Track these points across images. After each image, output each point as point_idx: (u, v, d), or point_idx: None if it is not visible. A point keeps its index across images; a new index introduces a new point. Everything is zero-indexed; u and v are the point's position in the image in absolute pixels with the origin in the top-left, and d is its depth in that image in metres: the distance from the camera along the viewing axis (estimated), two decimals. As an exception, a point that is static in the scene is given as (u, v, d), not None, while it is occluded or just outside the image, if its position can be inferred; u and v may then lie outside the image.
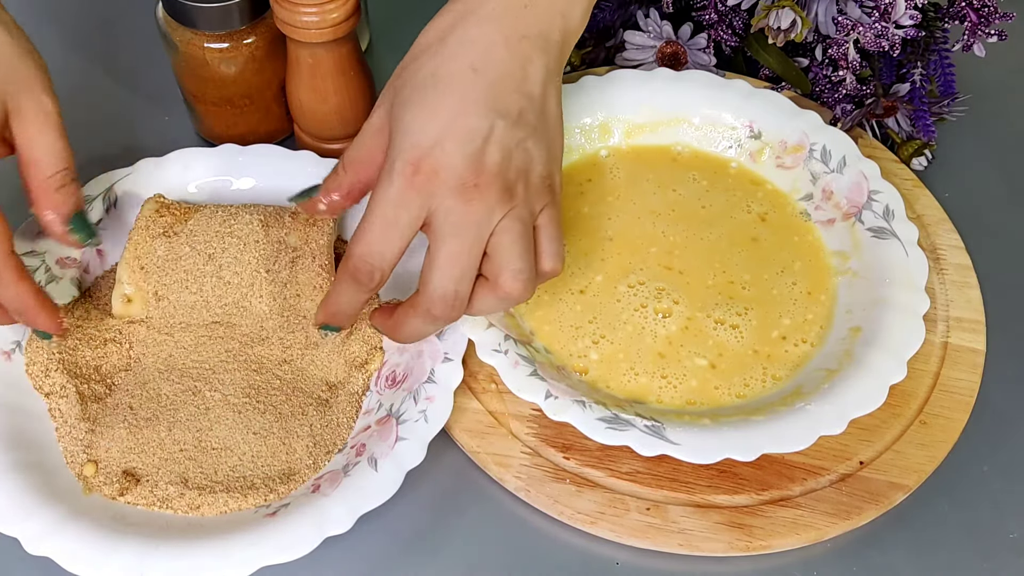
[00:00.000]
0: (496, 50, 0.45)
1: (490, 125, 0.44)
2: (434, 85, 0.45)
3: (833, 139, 0.59)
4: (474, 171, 0.44)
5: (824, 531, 0.49)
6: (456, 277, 0.44)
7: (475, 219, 0.44)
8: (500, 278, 0.45)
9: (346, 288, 0.46)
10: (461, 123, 0.44)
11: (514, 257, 0.44)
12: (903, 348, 0.50)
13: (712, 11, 0.63)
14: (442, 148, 0.43)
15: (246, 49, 0.58)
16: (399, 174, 0.44)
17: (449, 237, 0.44)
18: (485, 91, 0.44)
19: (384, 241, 0.44)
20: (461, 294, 0.45)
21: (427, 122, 0.44)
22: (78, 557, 0.44)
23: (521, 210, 0.45)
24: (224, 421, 0.49)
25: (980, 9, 0.60)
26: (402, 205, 0.44)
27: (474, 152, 0.44)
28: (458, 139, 0.44)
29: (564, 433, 0.51)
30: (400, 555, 0.49)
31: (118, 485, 0.48)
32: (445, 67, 0.45)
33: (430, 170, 0.43)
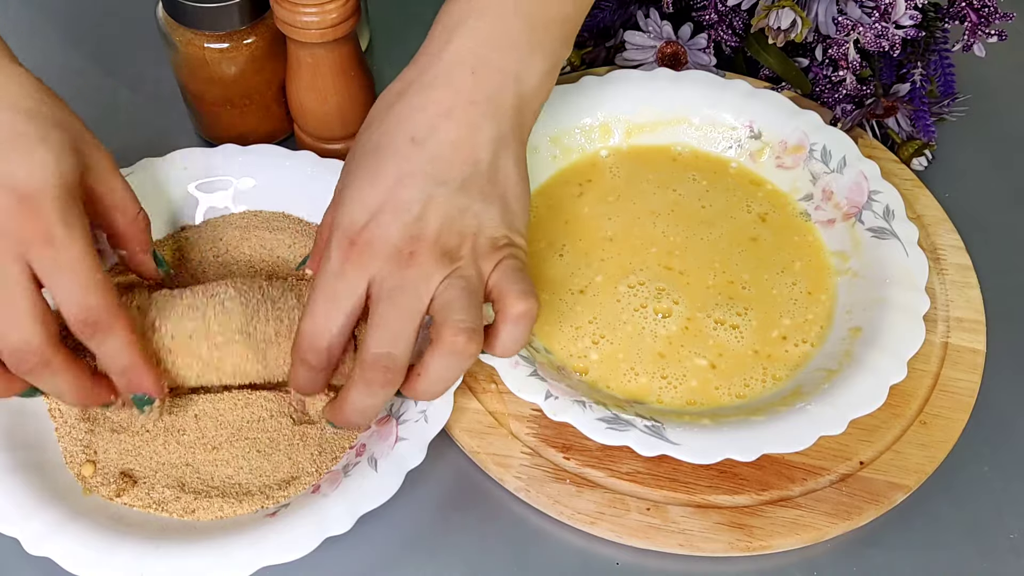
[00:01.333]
0: (438, 120, 0.44)
1: (428, 195, 0.44)
2: (375, 154, 0.45)
3: (833, 139, 0.59)
4: (409, 240, 0.43)
5: (824, 531, 0.49)
6: (388, 340, 0.43)
7: (410, 283, 0.43)
8: (442, 333, 0.43)
9: (300, 367, 0.45)
10: (397, 195, 0.44)
11: (454, 310, 0.43)
12: (903, 348, 0.50)
13: (712, 11, 0.63)
14: (377, 221, 0.43)
15: (246, 49, 0.58)
16: (336, 248, 0.44)
17: (383, 301, 0.43)
18: (424, 163, 0.44)
19: (326, 316, 0.44)
20: (396, 357, 0.43)
21: (364, 195, 0.44)
22: (78, 557, 0.44)
23: (465, 270, 0.44)
24: (228, 445, 0.49)
25: (980, 9, 0.60)
26: (340, 278, 0.44)
27: (409, 222, 0.43)
28: (393, 211, 0.43)
29: (564, 433, 0.51)
30: (400, 555, 0.49)
31: (115, 486, 0.48)
32: (386, 138, 0.45)
33: (365, 243, 0.43)
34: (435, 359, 0.43)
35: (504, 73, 0.46)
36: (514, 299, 0.44)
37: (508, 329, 0.44)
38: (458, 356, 0.43)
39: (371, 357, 0.43)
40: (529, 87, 0.47)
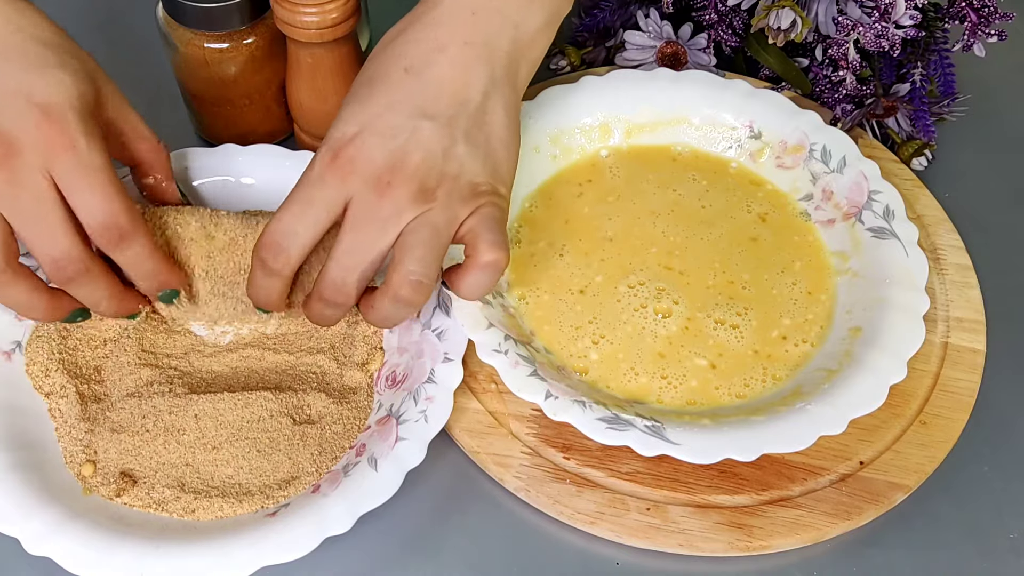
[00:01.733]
0: (433, 55, 0.45)
1: (414, 125, 0.44)
2: (368, 83, 0.46)
3: (833, 139, 0.59)
4: (390, 168, 0.44)
5: (824, 531, 0.49)
6: (347, 266, 0.44)
7: (382, 215, 0.43)
8: (391, 278, 0.44)
9: (256, 271, 0.46)
10: (385, 119, 0.44)
11: (410, 258, 0.43)
12: (903, 348, 0.50)
13: (712, 11, 0.63)
14: (362, 139, 0.44)
15: (246, 49, 0.58)
16: (320, 159, 0.45)
17: (351, 229, 0.44)
18: (415, 92, 0.45)
19: (296, 220, 0.44)
20: (349, 283, 0.44)
21: (354, 115, 0.45)
22: (78, 557, 0.44)
23: (436, 214, 0.44)
24: (228, 445, 0.49)
25: (980, 9, 0.60)
26: (318, 187, 0.44)
27: (393, 149, 0.44)
28: (379, 134, 0.44)
29: (564, 433, 0.51)
30: (400, 555, 0.49)
31: (115, 486, 0.48)
32: (382, 68, 0.46)
33: (347, 158, 0.44)
34: (382, 300, 0.45)
35: (503, 17, 0.46)
36: (485, 247, 0.45)
37: (474, 274, 0.45)
38: (403, 304, 0.45)
39: (328, 279, 0.45)
40: (526, 35, 0.47)
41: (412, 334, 0.52)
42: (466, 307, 0.51)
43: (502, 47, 0.46)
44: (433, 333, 0.51)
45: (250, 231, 0.51)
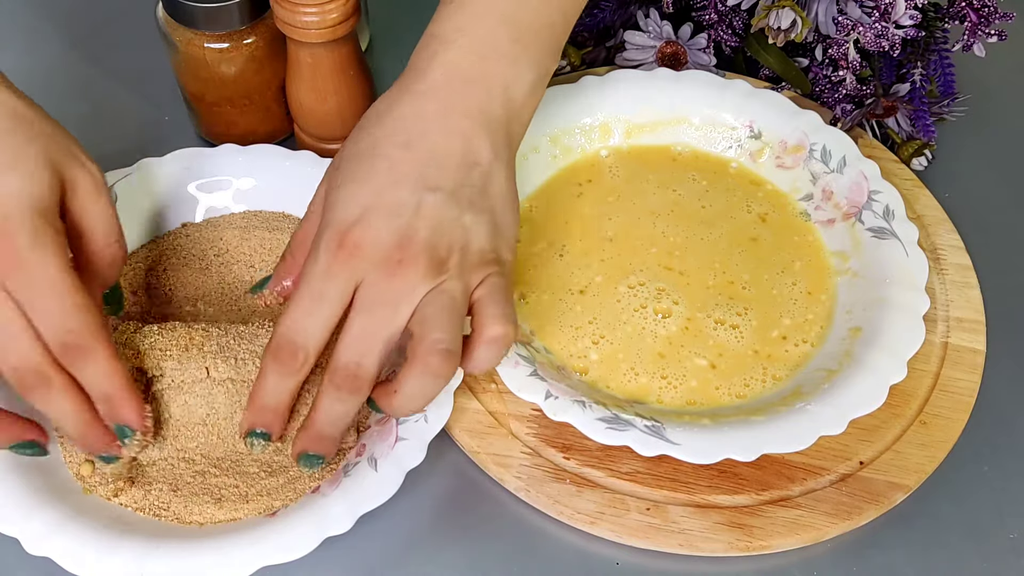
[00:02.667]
0: (430, 127, 0.44)
1: (418, 200, 0.43)
2: (368, 158, 0.44)
3: (833, 139, 0.59)
4: (399, 246, 0.43)
5: (824, 531, 0.49)
6: (361, 350, 0.42)
7: (395, 295, 0.43)
8: (418, 351, 0.42)
9: (270, 372, 0.44)
10: (388, 197, 0.43)
11: (434, 328, 0.42)
12: (903, 348, 0.50)
13: (712, 11, 0.63)
14: (368, 222, 0.43)
15: (246, 49, 0.58)
16: (324, 249, 0.43)
17: (363, 311, 0.43)
18: (416, 167, 0.44)
19: (309, 317, 0.43)
20: (365, 367, 0.43)
21: (355, 196, 0.44)
22: (78, 557, 0.44)
23: (451, 283, 0.43)
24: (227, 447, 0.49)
25: (980, 9, 0.60)
26: (327, 279, 0.43)
27: (400, 227, 0.43)
28: (384, 213, 0.43)
29: (564, 433, 0.51)
30: (400, 555, 0.49)
31: (113, 486, 0.48)
32: (379, 144, 0.45)
33: (354, 244, 0.43)
34: (410, 377, 0.43)
35: (493, 84, 0.46)
36: (492, 322, 0.44)
37: (482, 349, 0.44)
38: (433, 376, 0.43)
39: (341, 364, 0.43)
40: (518, 97, 0.47)
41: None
42: (466, 307, 0.51)
43: (497, 113, 0.46)
44: (433, 333, 0.51)
45: None
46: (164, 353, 0.48)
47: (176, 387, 0.48)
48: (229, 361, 0.48)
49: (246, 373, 0.48)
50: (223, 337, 0.49)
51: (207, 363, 0.48)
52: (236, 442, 0.49)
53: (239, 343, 0.49)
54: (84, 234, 0.45)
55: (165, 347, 0.48)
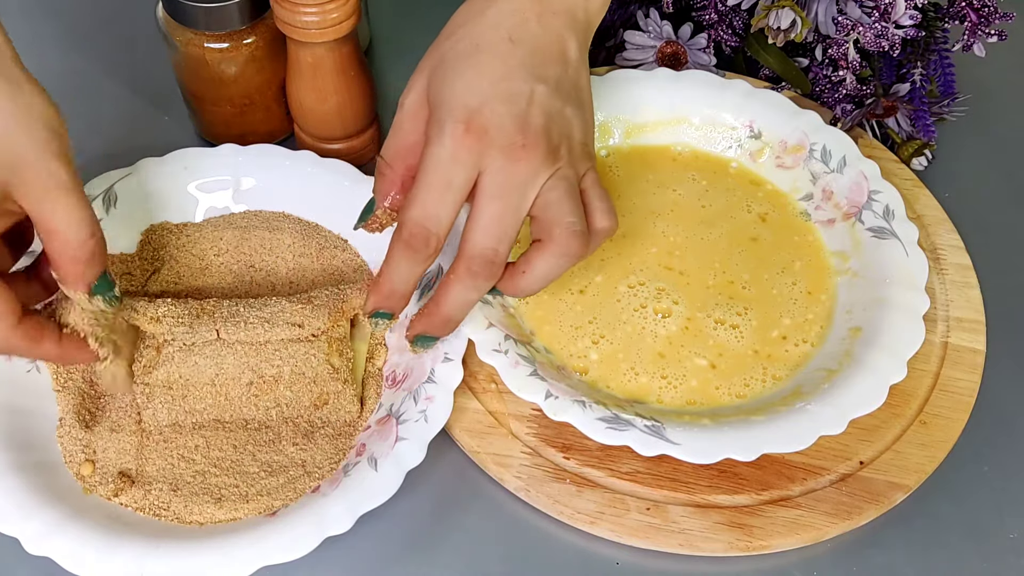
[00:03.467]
0: (530, 24, 0.46)
1: (531, 89, 0.45)
2: (475, 53, 0.45)
3: (833, 139, 0.59)
4: (521, 131, 0.44)
5: (824, 531, 0.49)
6: (498, 235, 0.44)
7: (521, 179, 0.44)
8: (554, 233, 0.45)
9: (402, 259, 0.45)
10: (505, 86, 0.45)
11: (565, 212, 0.45)
12: (903, 348, 0.50)
13: (712, 11, 0.63)
14: (491, 108, 0.44)
15: (246, 49, 0.58)
16: (450, 135, 0.44)
17: (494, 198, 0.44)
18: (524, 59, 0.45)
19: (440, 203, 0.44)
20: (501, 253, 0.45)
21: (472, 85, 0.45)
22: (78, 557, 0.44)
23: (566, 170, 0.45)
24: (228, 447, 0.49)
25: (980, 9, 0.60)
26: (456, 164, 0.44)
27: (520, 113, 0.44)
28: (504, 100, 0.44)
29: (564, 433, 0.51)
30: (400, 555, 0.49)
31: (113, 486, 0.48)
32: (484, 38, 0.46)
33: (480, 128, 0.44)
34: (544, 258, 0.45)
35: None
36: (601, 216, 0.47)
37: (592, 239, 0.47)
38: (568, 257, 0.45)
39: (479, 251, 0.44)
40: (595, 6, 0.49)
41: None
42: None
43: (580, 16, 0.48)
44: (433, 333, 0.51)
45: None
46: (176, 320, 0.49)
47: (187, 348, 0.49)
48: (239, 325, 0.50)
49: (255, 336, 0.50)
50: (233, 306, 0.51)
51: (217, 326, 0.50)
52: (243, 405, 0.50)
53: (248, 311, 0.50)
54: (52, 234, 0.43)
55: (178, 315, 0.50)
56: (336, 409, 0.51)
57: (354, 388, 0.51)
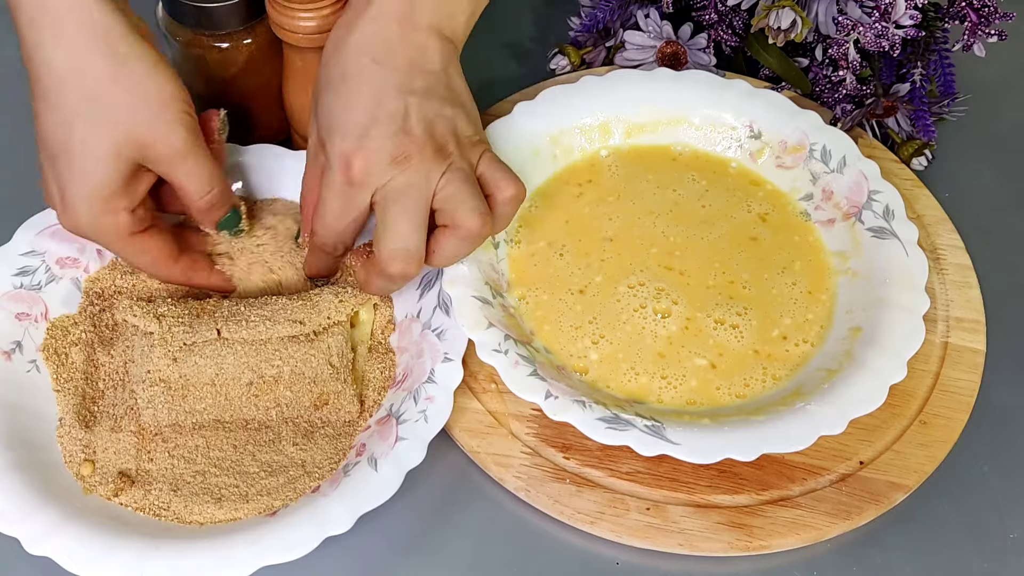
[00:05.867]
0: (392, 41, 0.48)
1: (404, 105, 0.48)
2: (344, 82, 0.48)
3: (833, 139, 0.59)
4: (402, 145, 0.47)
5: (824, 531, 0.49)
6: (403, 234, 0.47)
7: (414, 180, 0.47)
8: (456, 217, 0.48)
9: (316, 255, 0.53)
10: (380, 110, 0.47)
11: (465, 197, 0.48)
12: (903, 348, 0.50)
13: (712, 11, 0.63)
14: (368, 137, 0.47)
15: (246, 49, 0.58)
16: (336, 171, 0.48)
17: (391, 202, 0.47)
18: (390, 77, 0.48)
19: (338, 224, 0.49)
20: (412, 251, 0.48)
21: (348, 116, 0.48)
22: (78, 557, 0.44)
23: (459, 162, 0.48)
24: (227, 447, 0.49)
25: (980, 9, 0.60)
26: (345, 197, 0.48)
27: (398, 130, 0.47)
28: (381, 124, 0.47)
29: (564, 433, 0.51)
30: (400, 555, 0.49)
31: (112, 485, 0.48)
32: (349, 65, 0.48)
33: (362, 160, 0.47)
34: (448, 243, 0.48)
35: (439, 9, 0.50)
36: (505, 184, 0.49)
37: (501, 208, 0.50)
38: (472, 238, 0.48)
39: (388, 253, 0.48)
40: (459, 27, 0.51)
41: (412, 334, 0.52)
42: (466, 307, 0.51)
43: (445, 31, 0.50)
44: (433, 333, 0.51)
45: None
46: (176, 319, 0.50)
47: (187, 348, 0.50)
48: (241, 323, 0.50)
49: (256, 334, 0.50)
50: (234, 306, 0.51)
51: (219, 325, 0.50)
52: (243, 405, 0.50)
53: (249, 309, 0.51)
54: (179, 190, 0.50)
55: (178, 315, 0.50)
56: (336, 409, 0.51)
57: (354, 388, 0.51)
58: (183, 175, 0.49)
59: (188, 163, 0.49)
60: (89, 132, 0.47)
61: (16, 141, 0.63)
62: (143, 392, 0.49)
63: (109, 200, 0.48)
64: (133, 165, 0.48)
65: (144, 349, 0.50)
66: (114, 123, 0.47)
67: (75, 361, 0.51)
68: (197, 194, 0.50)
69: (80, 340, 0.52)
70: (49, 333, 0.52)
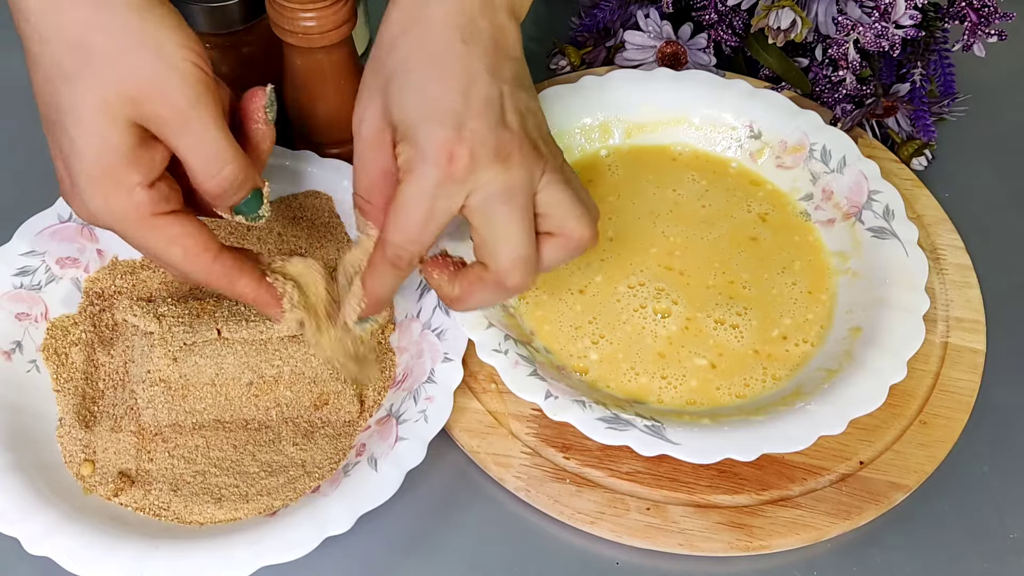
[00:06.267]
0: (477, 21, 0.44)
1: (499, 91, 0.44)
2: (431, 63, 0.43)
3: (833, 139, 0.59)
4: (504, 140, 0.43)
5: (824, 531, 0.49)
6: (521, 242, 0.44)
7: (519, 181, 0.43)
8: (567, 227, 0.45)
9: (386, 274, 0.45)
10: (475, 96, 0.43)
11: (571, 204, 0.44)
12: (903, 348, 0.50)
13: (712, 11, 0.63)
14: (469, 128, 0.42)
15: (246, 49, 0.58)
16: (433, 165, 0.42)
17: (499, 207, 0.43)
18: (483, 60, 0.44)
19: (422, 231, 0.43)
20: (531, 258, 0.44)
21: (440, 100, 0.43)
22: (78, 557, 0.44)
23: (553, 163, 0.45)
24: (228, 447, 0.49)
25: (980, 9, 0.60)
26: (441, 196, 0.42)
27: (498, 121, 0.43)
28: (480, 114, 0.43)
29: (564, 433, 0.51)
30: (400, 555, 0.49)
31: (112, 485, 0.48)
32: (436, 44, 0.43)
33: (466, 154, 0.42)
34: (557, 252, 0.45)
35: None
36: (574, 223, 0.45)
37: None
38: (581, 248, 0.45)
39: (510, 263, 0.44)
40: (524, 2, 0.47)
41: (412, 334, 0.52)
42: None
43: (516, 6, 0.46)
44: (433, 333, 0.51)
45: None
46: (176, 319, 0.50)
47: (187, 348, 0.49)
48: (241, 323, 0.50)
49: (257, 334, 0.50)
50: (234, 305, 0.51)
51: (218, 325, 0.50)
52: (243, 405, 0.50)
53: (250, 309, 0.50)
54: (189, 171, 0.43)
55: (178, 315, 0.50)
56: (336, 409, 0.51)
57: (354, 388, 0.51)
58: (187, 147, 0.42)
59: (194, 130, 0.42)
60: (74, 89, 0.40)
61: (16, 141, 0.63)
62: (143, 392, 0.49)
63: (115, 173, 0.41)
64: (136, 128, 0.41)
65: (144, 349, 0.50)
66: (100, 76, 0.40)
67: (75, 361, 0.51)
68: (206, 173, 0.42)
69: (80, 340, 0.52)
70: (49, 333, 0.52)
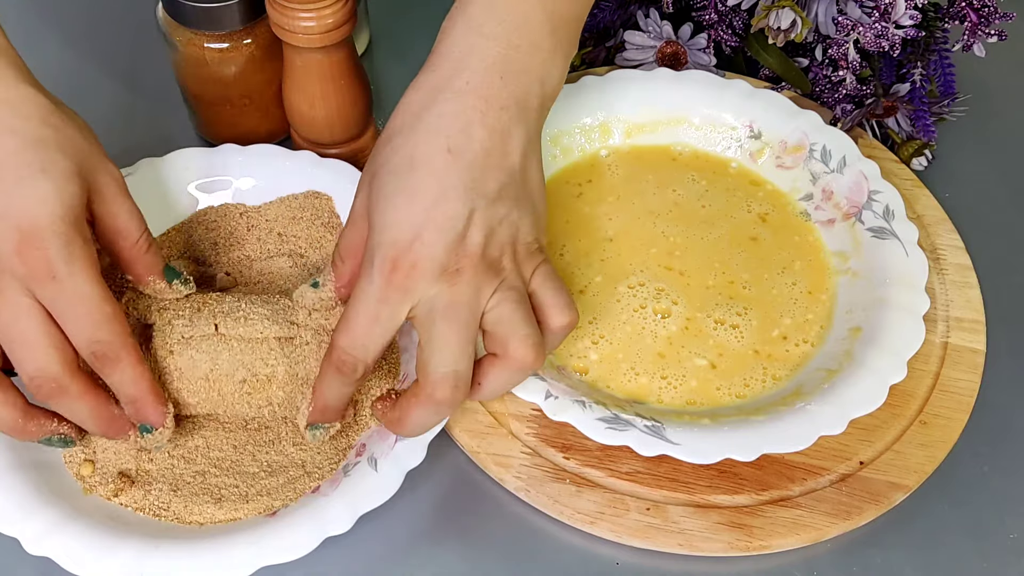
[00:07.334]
0: (473, 128, 0.43)
1: (470, 209, 0.43)
2: (410, 170, 0.43)
3: (833, 139, 0.59)
4: (455, 257, 0.43)
5: (824, 531, 0.49)
6: (454, 358, 0.43)
7: (463, 299, 0.43)
8: (509, 348, 0.44)
9: (333, 380, 0.45)
10: (439, 212, 0.42)
11: (517, 324, 0.44)
12: (903, 348, 0.50)
13: (712, 11, 0.63)
14: (421, 241, 0.42)
15: (246, 49, 0.58)
16: (378, 271, 0.43)
17: (439, 320, 0.43)
18: (462, 174, 0.43)
19: (367, 336, 0.43)
20: (462, 374, 0.43)
21: (404, 213, 0.43)
22: (78, 557, 0.44)
23: (511, 280, 0.44)
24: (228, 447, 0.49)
25: (980, 9, 0.60)
26: (383, 302, 0.43)
27: (454, 239, 0.43)
28: (437, 229, 0.42)
29: (564, 433, 0.51)
30: (400, 555, 0.49)
31: (112, 486, 0.48)
32: (420, 149, 0.43)
33: (409, 266, 0.42)
34: (499, 375, 0.44)
35: (530, 76, 0.45)
36: (558, 312, 0.45)
37: (551, 338, 0.46)
38: (524, 370, 0.44)
39: (439, 377, 0.43)
40: (550, 88, 0.46)
41: (412, 334, 0.52)
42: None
43: (532, 104, 0.45)
44: (433, 333, 0.51)
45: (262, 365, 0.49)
46: (176, 312, 0.49)
47: (184, 341, 0.49)
48: (239, 320, 0.49)
49: (254, 332, 0.49)
50: (234, 302, 0.50)
51: (217, 320, 0.49)
52: (235, 402, 0.49)
53: (249, 307, 0.50)
54: (115, 233, 0.46)
55: (179, 308, 0.49)
56: None
57: None
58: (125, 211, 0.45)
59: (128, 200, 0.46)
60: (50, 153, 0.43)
61: None
62: None
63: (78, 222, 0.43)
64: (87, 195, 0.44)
65: (142, 342, 0.50)
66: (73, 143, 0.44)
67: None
68: (134, 234, 0.46)
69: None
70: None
